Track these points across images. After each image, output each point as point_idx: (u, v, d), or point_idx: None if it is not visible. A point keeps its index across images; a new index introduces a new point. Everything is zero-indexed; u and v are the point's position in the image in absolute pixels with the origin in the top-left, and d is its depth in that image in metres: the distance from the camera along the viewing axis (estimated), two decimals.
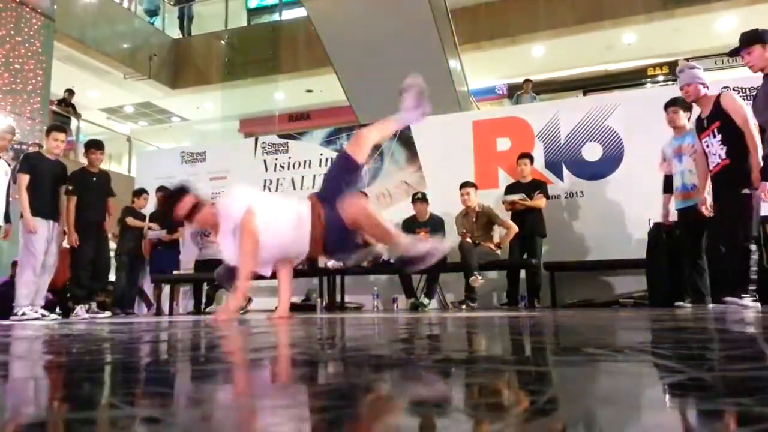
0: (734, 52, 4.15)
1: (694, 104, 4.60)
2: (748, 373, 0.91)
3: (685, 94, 4.47)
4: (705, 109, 4.35)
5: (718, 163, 4.24)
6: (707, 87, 4.39)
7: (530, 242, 6.22)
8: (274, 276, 7.33)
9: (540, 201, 6.28)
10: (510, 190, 6.51)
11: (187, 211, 3.66)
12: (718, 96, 4.29)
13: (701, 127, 4.38)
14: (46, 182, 5.78)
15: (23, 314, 5.46)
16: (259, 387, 0.97)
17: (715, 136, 4.23)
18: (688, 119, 4.96)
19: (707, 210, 4.44)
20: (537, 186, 6.39)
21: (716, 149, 4.23)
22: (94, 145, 6.50)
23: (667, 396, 0.76)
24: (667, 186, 5.25)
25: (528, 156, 6.54)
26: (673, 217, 5.22)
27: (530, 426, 0.58)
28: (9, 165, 5.85)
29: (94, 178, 6.38)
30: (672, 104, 5.00)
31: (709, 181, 4.44)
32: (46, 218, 5.74)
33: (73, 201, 6.16)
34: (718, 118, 4.21)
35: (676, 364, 1.02)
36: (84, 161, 6.79)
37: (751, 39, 3.98)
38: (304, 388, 0.92)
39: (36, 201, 5.64)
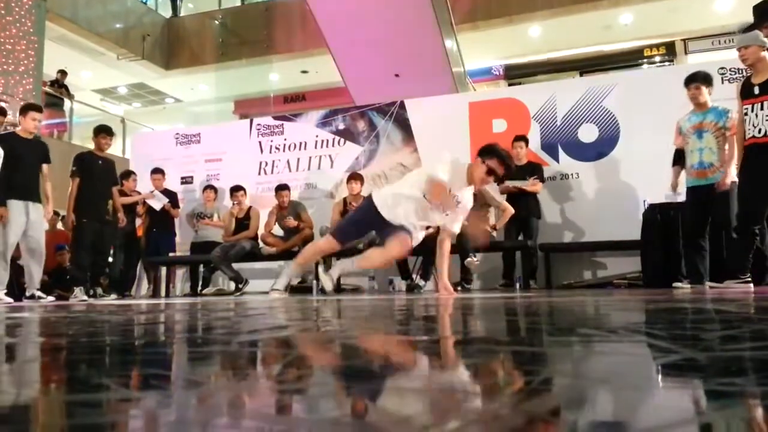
0: (752, 27, 4.02)
1: (730, 77, 4.37)
2: (741, 353, 0.91)
3: (742, 57, 4.19)
4: (760, 75, 4.10)
5: (755, 137, 4.04)
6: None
7: (527, 224, 6.23)
8: (276, 257, 7.33)
9: (537, 186, 6.29)
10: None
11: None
12: None
13: (749, 93, 4.12)
14: (22, 162, 5.54)
15: None
16: (252, 370, 0.97)
17: (762, 109, 4.01)
18: (710, 93, 4.69)
19: (725, 185, 4.31)
20: (533, 168, 6.38)
21: (760, 122, 4.01)
22: (105, 131, 6.43)
23: (661, 376, 0.76)
24: (677, 159, 5.09)
25: (523, 138, 6.50)
26: (665, 197, 5.21)
27: (525, 406, 0.58)
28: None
29: (100, 162, 6.35)
30: (693, 80, 4.70)
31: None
32: (23, 199, 5.53)
33: (75, 182, 6.11)
34: None
35: (670, 345, 1.03)
36: (77, 143, 6.73)
37: (766, 13, 3.85)
38: (295, 370, 0.92)
39: (10, 182, 5.41)
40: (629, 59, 14.35)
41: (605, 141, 6.71)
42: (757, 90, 4.05)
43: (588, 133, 6.81)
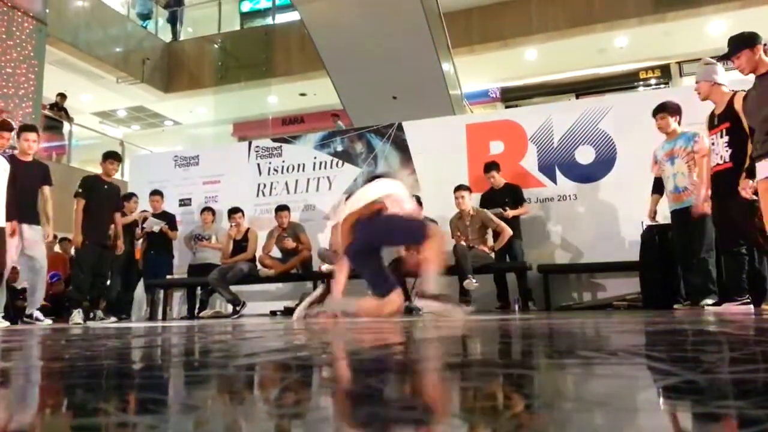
0: (724, 57, 4.16)
1: (700, 104, 4.56)
2: (742, 375, 0.91)
3: (696, 90, 4.47)
4: (718, 107, 4.30)
5: (718, 164, 4.22)
6: (721, 84, 4.32)
7: (511, 247, 6.27)
8: (274, 279, 7.32)
9: (524, 209, 6.43)
10: (486, 198, 6.56)
11: None
12: (733, 95, 4.21)
13: (712, 124, 4.34)
14: (17, 184, 5.53)
15: None
16: (249, 393, 0.96)
17: (722, 137, 4.20)
18: (678, 122, 4.96)
19: (701, 208, 4.49)
20: (511, 190, 6.47)
21: (720, 150, 4.20)
22: (112, 156, 6.54)
23: (662, 399, 0.76)
24: (656, 187, 5.30)
25: (493, 166, 6.55)
26: (663, 219, 5.27)
27: (524, 430, 0.58)
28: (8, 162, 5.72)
29: (105, 186, 6.42)
30: (660, 111, 4.99)
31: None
32: (19, 222, 5.52)
33: (80, 204, 6.13)
34: (728, 119, 4.17)
35: (670, 367, 1.02)
36: (75, 166, 6.74)
37: (738, 44, 4.00)
38: (294, 392, 0.91)
39: (7, 204, 5.39)
40: (625, 82, 14.51)
41: (602, 162, 6.74)
42: (716, 120, 4.31)
43: (585, 155, 6.84)
